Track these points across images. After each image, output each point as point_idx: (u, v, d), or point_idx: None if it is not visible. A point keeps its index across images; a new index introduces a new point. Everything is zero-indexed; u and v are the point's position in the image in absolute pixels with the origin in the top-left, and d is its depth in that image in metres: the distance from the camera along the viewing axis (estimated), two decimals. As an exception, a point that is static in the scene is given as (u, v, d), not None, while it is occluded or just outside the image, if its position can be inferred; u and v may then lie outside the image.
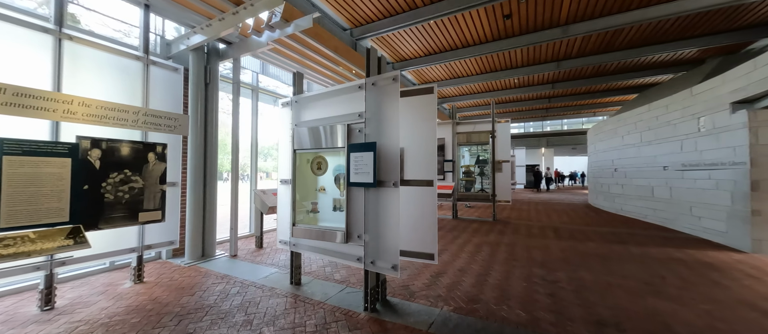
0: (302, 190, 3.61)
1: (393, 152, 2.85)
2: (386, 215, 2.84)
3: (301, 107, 3.56)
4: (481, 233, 6.41)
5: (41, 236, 2.79)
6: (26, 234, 2.72)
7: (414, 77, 11.89)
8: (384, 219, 2.88)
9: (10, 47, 2.83)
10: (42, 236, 2.79)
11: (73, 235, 2.95)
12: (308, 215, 3.64)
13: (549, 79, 12.53)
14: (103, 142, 3.30)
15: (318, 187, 3.70)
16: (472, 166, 9.49)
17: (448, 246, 5.33)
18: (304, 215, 3.63)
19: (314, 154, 3.66)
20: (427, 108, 3.14)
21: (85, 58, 3.34)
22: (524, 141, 24.64)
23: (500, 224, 7.64)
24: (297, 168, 3.50)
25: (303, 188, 3.62)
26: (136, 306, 3.04)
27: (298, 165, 3.53)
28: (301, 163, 3.61)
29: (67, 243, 2.87)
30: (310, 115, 3.48)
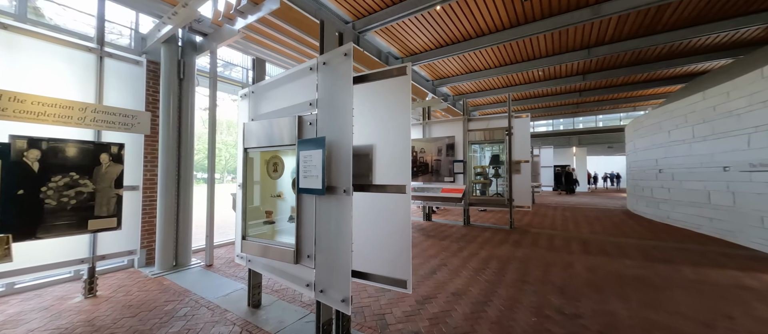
0: (257, 196, 3.07)
1: (345, 150, 2.23)
2: (337, 231, 2.22)
3: (259, 98, 3.03)
4: (492, 244, 5.57)
5: (-43, 248, 2.48)
6: None
7: (427, 73, 11.14)
8: (334, 237, 2.26)
9: None
10: (-42, 247, 2.49)
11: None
12: (265, 227, 3.09)
13: (579, 69, 11.22)
14: (44, 141, 2.98)
15: (276, 192, 3.15)
16: (486, 166, 8.57)
17: (449, 260, 4.58)
18: (262, 225, 3.09)
19: (272, 154, 3.12)
20: (398, 94, 2.49)
21: (29, 50, 3.04)
22: (552, 140, 22.79)
23: (517, 232, 6.70)
24: (250, 170, 2.98)
25: (258, 194, 3.08)
26: (66, 328, 2.66)
27: (252, 166, 3.01)
28: (255, 164, 3.08)
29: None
30: (267, 107, 2.95)
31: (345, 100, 2.22)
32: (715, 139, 6.24)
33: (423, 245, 5.52)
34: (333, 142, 2.29)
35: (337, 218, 2.21)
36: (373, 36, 8.17)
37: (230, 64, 10.71)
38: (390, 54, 9.21)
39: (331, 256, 2.25)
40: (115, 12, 4.42)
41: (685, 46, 9.14)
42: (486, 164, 8.90)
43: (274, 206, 3.18)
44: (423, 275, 3.94)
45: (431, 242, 5.74)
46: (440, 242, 5.73)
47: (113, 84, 3.61)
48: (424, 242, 5.81)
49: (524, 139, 7.35)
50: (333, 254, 2.25)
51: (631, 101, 16.19)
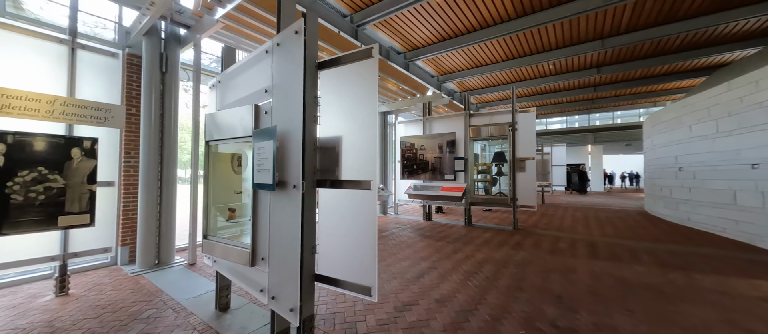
0: (220, 192, 2.89)
1: (295, 141, 2.01)
2: (288, 230, 1.99)
3: (225, 87, 2.84)
4: (490, 246, 5.23)
5: None
6: None
7: (431, 68, 10.79)
8: (284, 237, 2.04)
9: None
10: None
11: None
12: (229, 225, 2.91)
13: (593, 62, 10.60)
14: (9, 135, 2.89)
15: (241, 189, 2.96)
16: (488, 164, 8.18)
17: (441, 262, 4.29)
18: (226, 223, 2.91)
19: (237, 147, 2.93)
20: (365, 80, 2.24)
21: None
22: (566, 137, 21.92)
23: (520, 234, 6.32)
24: (213, 164, 2.79)
25: (221, 190, 2.90)
26: (24, 329, 2.55)
27: (216, 161, 2.82)
28: (220, 158, 2.89)
29: None
30: (231, 97, 2.76)
31: (295, 86, 1.99)
32: (742, 133, 5.67)
33: (417, 246, 5.24)
34: (285, 133, 2.06)
35: (289, 216, 1.98)
36: (373, 30, 7.92)
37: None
38: (391, 49, 8.94)
39: (282, 258, 2.03)
40: (100, 5, 4.35)
41: (708, 34, 8.45)
42: (489, 162, 8.51)
43: (240, 204, 2.99)
44: (409, 278, 3.68)
45: (426, 243, 5.46)
46: (435, 243, 5.44)
47: (88, 77, 3.51)
48: (419, 243, 5.54)
49: (530, 135, 6.94)
50: (283, 256, 2.02)
51: (650, 96, 15.30)
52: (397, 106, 8.90)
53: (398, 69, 8.74)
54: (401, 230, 6.68)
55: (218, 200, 2.83)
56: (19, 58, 3.07)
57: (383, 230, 6.68)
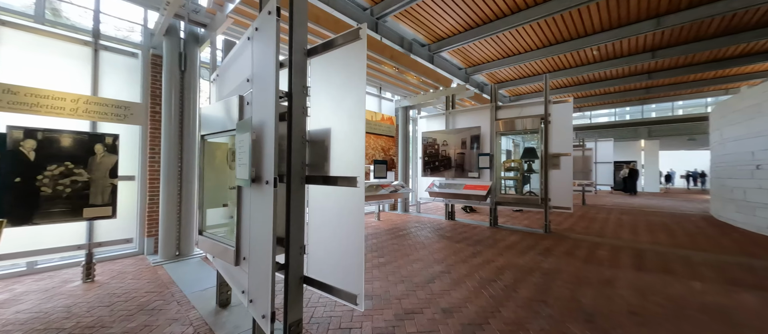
0: (216, 187, 2.85)
1: (268, 132, 1.85)
2: (262, 228, 1.85)
3: (222, 80, 2.79)
4: (515, 251, 4.76)
5: (-46, 230, 2.67)
6: None
7: (459, 60, 10.25)
8: (259, 236, 1.90)
9: None
10: (-45, 229, 2.68)
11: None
12: (225, 221, 2.86)
13: (647, 45, 9.32)
14: (39, 132, 3.12)
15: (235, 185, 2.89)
16: (517, 160, 7.53)
17: (456, 266, 3.96)
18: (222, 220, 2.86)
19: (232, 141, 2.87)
20: (353, 64, 2.03)
21: (30, 44, 3.20)
22: (615, 131, 19.79)
23: (552, 238, 5.71)
24: (208, 159, 2.76)
25: (217, 185, 2.86)
26: (46, 313, 2.73)
27: (211, 156, 2.79)
28: (215, 153, 2.85)
29: None
30: (225, 89, 2.70)
31: (268, 73, 1.83)
32: None
33: (432, 247, 4.93)
34: (261, 125, 1.92)
35: (263, 213, 1.84)
36: (394, 22, 7.64)
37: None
38: (415, 41, 8.59)
39: (260, 259, 1.90)
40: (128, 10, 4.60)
41: (802, 3, 6.94)
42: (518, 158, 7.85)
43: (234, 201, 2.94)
44: (417, 283, 3.42)
45: (443, 245, 5.13)
46: (453, 245, 5.09)
47: (110, 76, 3.71)
48: (435, 243, 5.22)
49: (565, 128, 6.24)
50: (261, 257, 1.89)
51: (718, 82, 13.16)
52: (419, 100, 8.56)
53: (422, 62, 8.37)
54: (420, 230, 6.39)
55: (214, 196, 2.80)
56: (47, 60, 3.31)
57: (401, 229, 6.44)
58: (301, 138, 2.21)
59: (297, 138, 2.18)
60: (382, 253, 4.60)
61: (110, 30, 4.55)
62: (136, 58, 3.86)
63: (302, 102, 2.22)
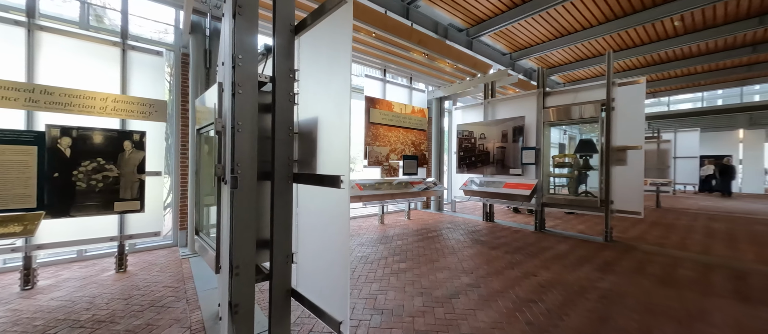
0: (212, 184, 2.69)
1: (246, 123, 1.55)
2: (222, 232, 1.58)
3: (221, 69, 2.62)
4: (563, 264, 3.99)
5: (2, 221, 2.93)
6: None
7: (502, 44, 9.28)
8: (238, 242, 1.63)
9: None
10: (2, 220, 2.93)
11: (27, 221, 3.03)
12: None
13: (752, 8, 7.38)
14: (74, 130, 3.31)
15: None
16: (570, 155, 6.48)
17: (488, 279, 3.39)
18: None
19: None
20: (338, 37, 1.66)
21: (63, 47, 3.41)
22: (703, 120, 16.46)
23: (614, 249, 4.74)
24: (203, 154, 2.61)
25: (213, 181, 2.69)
26: (74, 302, 2.88)
27: (208, 150, 2.63)
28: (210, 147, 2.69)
29: (14, 230, 2.93)
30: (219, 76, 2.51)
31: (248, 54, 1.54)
32: None
33: (462, 253, 4.38)
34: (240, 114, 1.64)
35: (225, 216, 1.57)
36: (428, 7, 7.05)
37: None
38: (451, 26, 7.90)
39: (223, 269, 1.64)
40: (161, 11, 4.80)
41: None
42: (572, 152, 6.76)
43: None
44: (439, 297, 2.96)
45: (476, 251, 4.53)
46: (488, 252, 4.47)
47: (138, 75, 3.84)
48: (467, 248, 4.64)
49: (635, 116, 5.14)
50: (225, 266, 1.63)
51: None
52: (454, 90, 7.87)
53: (459, 48, 7.66)
54: (452, 231, 5.82)
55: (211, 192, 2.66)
56: (81, 61, 3.49)
57: (431, 230, 5.94)
58: (288, 130, 1.90)
59: (282, 130, 1.88)
60: (405, 257, 4.20)
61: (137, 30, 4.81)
62: (161, 57, 3.96)
63: (288, 88, 1.91)
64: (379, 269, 3.74)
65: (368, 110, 6.11)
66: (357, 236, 5.32)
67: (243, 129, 1.72)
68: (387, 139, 6.39)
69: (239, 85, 1.71)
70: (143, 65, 3.85)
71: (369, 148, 6.08)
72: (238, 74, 1.71)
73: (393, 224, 6.54)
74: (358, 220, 6.85)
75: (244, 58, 1.72)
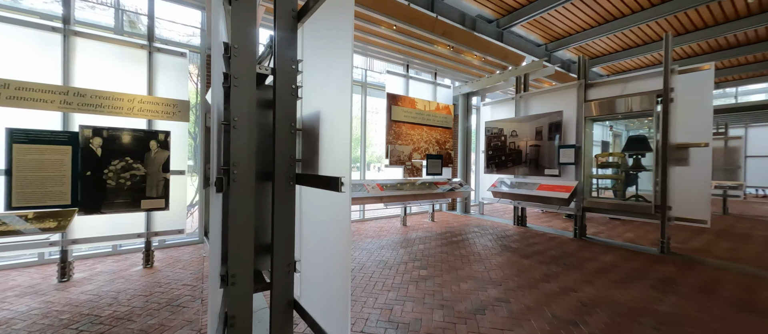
0: None
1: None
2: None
3: (231, 69, 2.54)
4: (611, 278, 3.48)
5: (39, 217, 3.11)
6: (25, 214, 3.06)
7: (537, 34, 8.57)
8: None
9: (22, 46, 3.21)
10: (40, 216, 3.11)
11: (62, 218, 3.18)
12: None
13: None
14: (105, 130, 3.45)
15: None
16: (617, 154, 5.76)
17: (519, 293, 3.02)
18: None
19: None
20: (339, 19, 1.46)
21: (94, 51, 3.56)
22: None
23: (672, 262, 4.09)
24: None
25: None
26: (99, 297, 2.97)
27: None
28: None
29: (49, 225, 3.09)
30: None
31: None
32: None
33: (490, 261, 4.01)
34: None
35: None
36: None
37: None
38: (479, 18, 7.42)
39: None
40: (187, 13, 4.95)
41: None
42: (618, 151, 6.02)
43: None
44: (462, 311, 2.66)
45: (505, 259, 4.13)
46: (520, 261, 4.05)
47: (163, 77, 3.94)
48: (496, 256, 4.25)
49: (701, 107, 4.41)
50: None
51: None
52: (483, 85, 7.39)
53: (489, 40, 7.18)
54: (479, 236, 5.42)
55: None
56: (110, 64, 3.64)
57: (456, 234, 5.58)
58: (290, 126, 1.74)
59: (283, 126, 1.72)
60: (426, 263, 3.93)
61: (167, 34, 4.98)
62: (185, 58, 4.04)
63: (290, 80, 1.74)
64: (397, 275, 3.50)
65: (390, 108, 5.89)
66: (377, 239, 5.13)
67: (240, 125, 1.58)
68: (410, 137, 6.13)
69: (235, 77, 1.57)
70: (168, 67, 3.94)
71: (391, 147, 5.86)
72: (234, 65, 1.57)
73: (416, 226, 6.27)
74: (380, 221, 6.66)
75: (240, 48, 1.58)
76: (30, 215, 3.06)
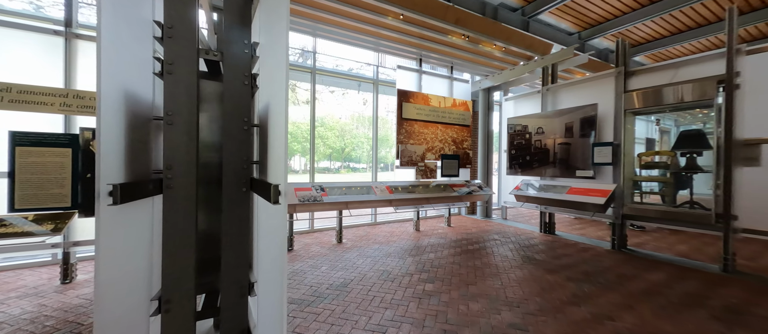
0: None
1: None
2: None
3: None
4: (660, 304, 2.87)
5: (38, 219, 3.13)
6: (25, 216, 3.09)
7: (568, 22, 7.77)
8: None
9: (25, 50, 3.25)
10: (39, 218, 3.13)
11: (59, 221, 3.18)
12: None
13: None
14: (104, 132, 3.43)
15: None
16: (666, 152, 4.95)
17: (542, 319, 2.53)
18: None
19: None
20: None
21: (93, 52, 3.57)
22: None
23: (740, 284, 3.34)
24: None
25: None
26: (88, 296, 2.92)
27: None
28: None
29: (46, 227, 3.09)
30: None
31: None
32: None
33: (509, 276, 3.51)
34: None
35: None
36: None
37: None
38: (502, 6, 6.83)
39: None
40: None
41: None
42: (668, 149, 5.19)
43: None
44: (467, 340, 2.25)
45: (527, 273, 3.61)
46: (544, 276, 3.51)
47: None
48: (516, 269, 3.73)
49: (775, 95, 3.60)
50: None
51: None
52: (505, 78, 6.78)
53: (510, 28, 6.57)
54: (499, 245, 4.89)
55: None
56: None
57: (473, 241, 5.09)
58: (242, 122, 1.46)
59: (233, 122, 1.45)
60: (434, 275, 3.52)
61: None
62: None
63: (242, 67, 1.47)
64: (399, 289, 3.14)
65: (401, 105, 5.52)
66: (386, 244, 4.79)
67: (177, 121, 1.32)
68: (423, 136, 5.72)
69: (170, 63, 1.32)
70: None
71: (402, 147, 5.49)
72: (169, 48, 1.31)
73: (430, 231, 5.84)
74: (392, 225, 6.31)
75: (178, 27, 1.32)
76: (30, 218, 3.09)
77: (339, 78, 6.25)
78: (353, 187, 4.90)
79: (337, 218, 4.90)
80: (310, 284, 3.23)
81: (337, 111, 17.73)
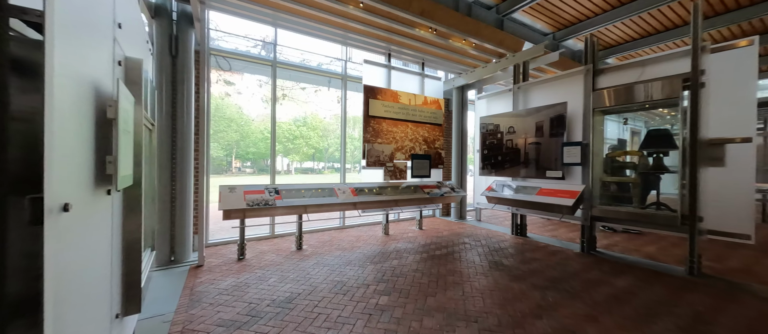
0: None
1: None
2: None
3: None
4: (625, 310, 2.69)
5: None
6: None
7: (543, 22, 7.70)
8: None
9: None
10: None
11: None
12: None
13: None
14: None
15: None
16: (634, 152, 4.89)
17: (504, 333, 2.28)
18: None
19: None
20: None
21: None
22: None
23: (706, 288, 3.24)
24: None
25: None
26: None
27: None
28: None
29: None
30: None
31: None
32: None
33: (473, 284, 3.26)
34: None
35: None
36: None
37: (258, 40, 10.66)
38: (476, 3, 6.63)
39: None
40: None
41: None
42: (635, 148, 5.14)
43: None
44: (412, 367, 1.95)
45: (493, 280, 3.38)
46: (509, 284, 3.28)
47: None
48: (482, 276, 3.49)
49: (741, 94, 3.54)
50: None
51: None
52: (478, 76, 6.61)
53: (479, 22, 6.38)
54: (468, 249, 4.67)
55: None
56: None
57: (442, 245, 4.84)
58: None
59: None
60: (391, 287, 3.22)
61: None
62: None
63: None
64: (350, 304, 2.82)
65: (367, 102, 5.21)
66: (349, 251, 4.46)
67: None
68: (392, 135, 5.43)
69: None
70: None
71: (368, 146, 5.19)
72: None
73: (399, 235, 5.56)
74: (360, 229, 5.98)
75: None
76: None
77: (305, 73, 5.87)
78: (313, 189, 4.54)
79: (297, 222, 4.53)
80: (250, 301, 2.85)
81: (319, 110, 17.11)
